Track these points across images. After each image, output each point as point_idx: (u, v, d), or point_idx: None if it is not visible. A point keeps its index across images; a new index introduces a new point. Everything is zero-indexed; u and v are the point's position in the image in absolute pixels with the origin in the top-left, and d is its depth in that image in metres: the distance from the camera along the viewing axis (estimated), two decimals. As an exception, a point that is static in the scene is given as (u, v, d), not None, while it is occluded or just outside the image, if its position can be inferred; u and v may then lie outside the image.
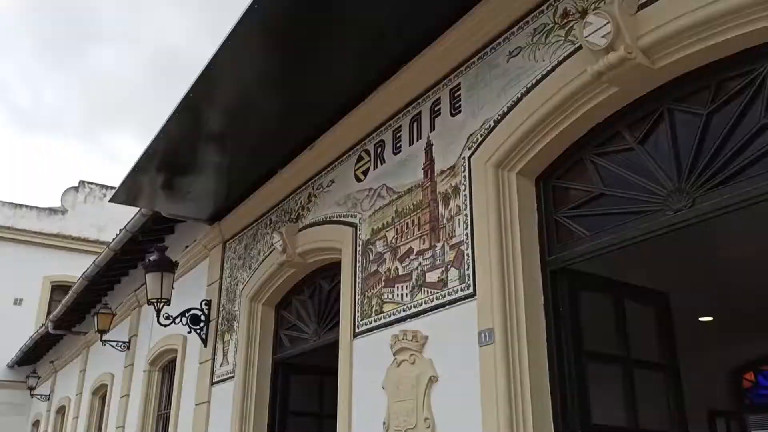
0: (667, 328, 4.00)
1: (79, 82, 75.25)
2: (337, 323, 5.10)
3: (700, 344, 7.32)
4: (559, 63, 3.49)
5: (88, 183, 21.59)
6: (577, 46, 3.39)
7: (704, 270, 5.92)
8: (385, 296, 4.55)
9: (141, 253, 8.86)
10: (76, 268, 14.06)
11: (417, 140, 4.56)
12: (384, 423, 4.19)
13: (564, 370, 3.56)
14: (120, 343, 10.27)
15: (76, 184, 21.59)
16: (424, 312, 4.15)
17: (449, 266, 4.03)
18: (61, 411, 15.14)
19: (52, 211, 20.95)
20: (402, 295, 4.39)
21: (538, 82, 3.61)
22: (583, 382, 3.54)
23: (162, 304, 6.96)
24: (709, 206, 2.97)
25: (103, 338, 10.22)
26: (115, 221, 14.97)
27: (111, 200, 6.78)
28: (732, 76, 2.97)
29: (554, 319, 3.63)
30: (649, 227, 3.22)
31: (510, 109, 3.79)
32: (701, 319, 7.41)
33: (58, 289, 19.26)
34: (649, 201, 3.25)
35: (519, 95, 3.73)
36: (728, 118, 2.97)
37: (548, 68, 3.56)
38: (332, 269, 5.63)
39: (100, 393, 11.93)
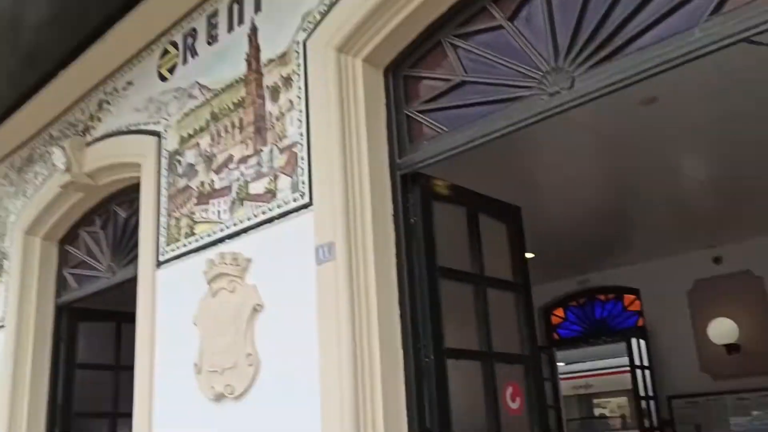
0: (519, 245, 3.64)
1: None
2: (138, 255, 4.20)
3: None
4: None
5: None
6: None
7: (535, 194, 5.78)
8: (198, 215, 3.75)
9: None
10: None
11: (238, 25, 3.75)
12: (195, 364, 3.44)
13: (415, 289, 3.04)
14: None
15: None
16: (246, 230, 3.43)
17: (279, 173, 3.33)
18: None
19: None
20: (219, 212, 3.63)
21: (393, -58, 2.98)
22: (436, 303, 3.05)
23: None
24: (592, 85, 2.54)
25: None
26: None
27: None
28: (622, -66, 2.54)
29: (405, 231, 3.09)
30: (521, 115, 2.74)
31: (357, -22, 3.12)
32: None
33: None
34: (520, 86, 2.78)
35: (368, -40, 3.08)
36: (617, -18, 2.54)
37: (406, -76, 2.94)
38: (131, 193, 4.68)
39: None
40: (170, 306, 3.77)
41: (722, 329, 7.85)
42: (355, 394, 2.76)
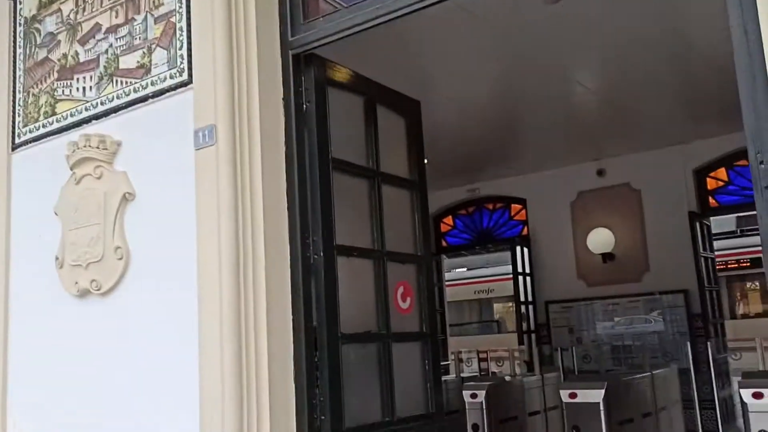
0: (417, 142, 3.46)
1: None
2: (-9, 139, 3.70)
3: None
4: None
5: None
6: None
7: (428, 97, 5.60)
8: (60, 92, 3.30)
9: None
10: None
11: None
12: (57, 258, 3.09)
13: (305, 181, 2.81)
14: None
15: None
16: (116, 110, 3.04)
17: (154, 46, 2.94)
18: None
19: None
20: (84, 88, 3.20)
21: None
22: (327, 197, 2.85)
23: None
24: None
25: None
26: None
27: None
28: None
29: (296, 117, 2.82)
30: (430, -8, 2.50)
31: None
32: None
33: None
34: (428, -41, 2.51)
35: None
36: None
37: None
38: (-18, 68, 4.09)
39: None
40: (28, 194, 3.35)
41: (600, 239, 8.19)
42: (237, 289, 2.55)
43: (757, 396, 4.02)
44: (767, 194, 1.93)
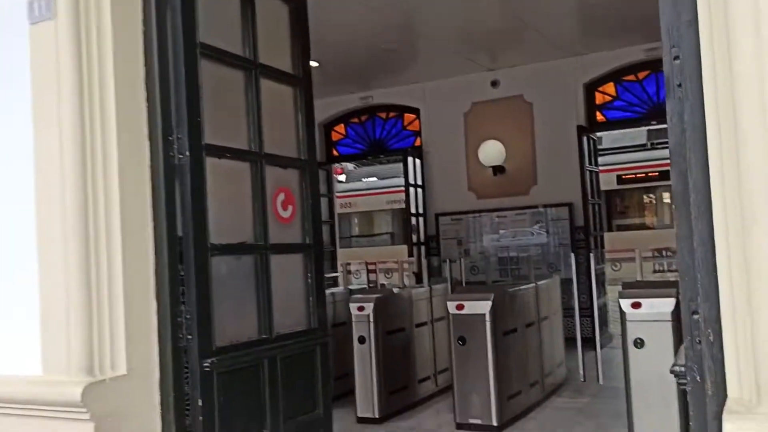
0: (302, 33, 3.08)
1: None
2: None
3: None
4: None
5: None
6: None
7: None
8: None
9: None
10: None
11: None
12: None
13: (167, 68, 2.42)
14: None
15: None
16: (-71, -27, 2.47)
17: None
18: None
19: None
20: None
21: None
22: (194, 88, 2.46)
23: None
24: None
25: None
26: None
27: None
28: None
29: (155, -8, 2.39)
30: None
31: None
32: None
33: None
34: None
35: None
36: None
37: None
38: None
39: None
40: None
41: (491, 152, 8.14)
42: (83, 192, 2.18)
43: (636, 306, 4.07)
44: (679, 93, 1.76)
